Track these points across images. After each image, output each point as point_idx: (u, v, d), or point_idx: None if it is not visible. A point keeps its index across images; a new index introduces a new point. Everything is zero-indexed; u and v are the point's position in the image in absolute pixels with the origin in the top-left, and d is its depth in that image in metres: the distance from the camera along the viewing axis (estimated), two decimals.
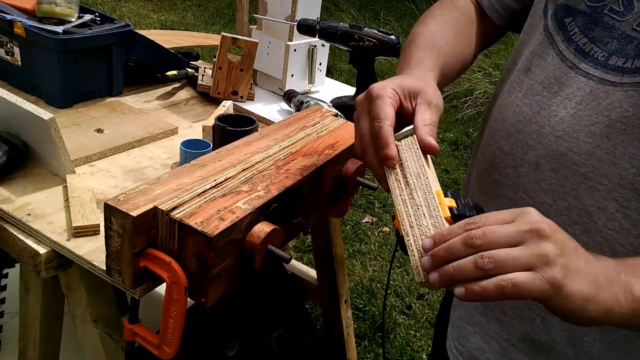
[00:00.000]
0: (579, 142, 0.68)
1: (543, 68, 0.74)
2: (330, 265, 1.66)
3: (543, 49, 0.75)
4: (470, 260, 0.51)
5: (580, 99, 0.69)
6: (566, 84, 0.71)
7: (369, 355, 2.00)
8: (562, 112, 0.70)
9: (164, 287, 0.64)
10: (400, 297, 2.27)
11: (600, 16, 0.69)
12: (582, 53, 0.70)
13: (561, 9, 0.74)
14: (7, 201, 0.89)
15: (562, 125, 0.70)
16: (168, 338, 0.65)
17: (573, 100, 0.70)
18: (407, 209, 0.61)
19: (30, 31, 1.18)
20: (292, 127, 0.90)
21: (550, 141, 0.71)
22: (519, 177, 0.75)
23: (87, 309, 0.90)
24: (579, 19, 0.71)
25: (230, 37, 1.36)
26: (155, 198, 0.64)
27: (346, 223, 2.66)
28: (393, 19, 5.47)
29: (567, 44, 0.72)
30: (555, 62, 0.73)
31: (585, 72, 0.69)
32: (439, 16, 0.86)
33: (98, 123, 1.19)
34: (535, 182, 0.73)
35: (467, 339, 0.84)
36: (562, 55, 0.72)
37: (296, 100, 1.36)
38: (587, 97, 0.68)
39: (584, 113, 0.68)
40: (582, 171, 0.69)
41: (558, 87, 0.72)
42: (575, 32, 0.71)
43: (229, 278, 0.65)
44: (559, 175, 0.71)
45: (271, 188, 0.70)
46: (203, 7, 5.73)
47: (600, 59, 0.68)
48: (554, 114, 0.71)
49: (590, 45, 0.70)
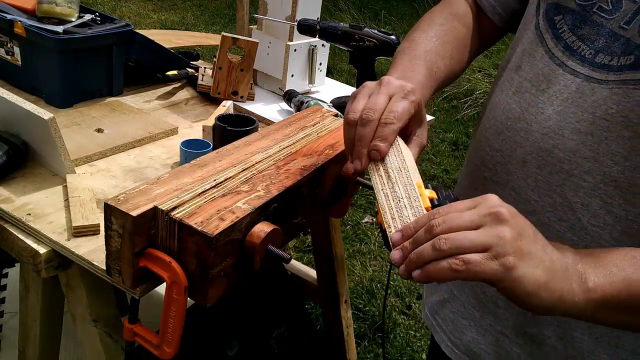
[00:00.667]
0: (564, 140, 0.69)
1: (532, 66, 0.75)
2: (330, 265, 1.66)
3: (533, 46, 0.75)
4: (429, 244, 0.52)
5: (566, 96, 0.69)
6: (554, 81, 0.71)
7: (368, 355, 2.00)
8: (549, 109, 0.71)
9: (164, 287, 0.64)
10: (400, 297, 2.27)
11: (589, 14, 0.70)
12: (570, 50, 0.70)
13: (552, 7, 0.74)
14: (7, 201, 0.89)
15: (549, 122, 0.70)
16: (168, 338, 0.65)
17: (560, 98, 0.70)
18: (389, 201, 0.61)
19: (30, 31, 1.18)
20: (292, 127, 0.90)
21: (537, 138, 0.71)
22: (507, 174, 0.76)
23: (87, 308, 0.90)
24: (568, 17, 0.72)
25: (230, 37, 1.36)
26: (155, 198, 0.64)
27: (346, 223, 2.66)
28: (394, 19, 5.47)
29: (556, 42, 0.72)
30: (544, 60, 0.73)
31: (572, 70, 0.70)
32: (435, 24, 0.86)
33: (98, 123, 1.19)
34: (522, 179, 0.74)
35: (463, 332, 0.85)
36: (551, 52, 0.73)
37: (296, 100, 1.36)
38: (574, 95, 0.69)
39: (569, 110, 0.69)
40: (566, 168, 0.69)
41: (546, 85, 0.72)
42: (564, 30, 0.72)
43: (228, 278, 0.65)
44: (544, 172, 0.71)
45: (271, 188, 0.70)
46: (203, 7, 5.73)
47: (587, 56, 0.69)
48: (541, 111, 0.72)
49: (579, 43, 0.70)
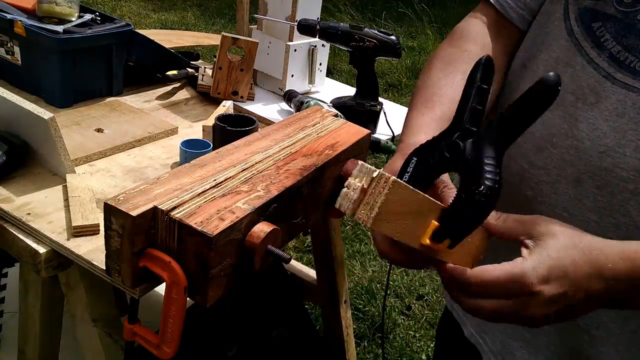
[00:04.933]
0: (626, 158, 0.65)
1: (574, 77, 0.69)
2: (330, 265, 1.66)
3: (570, 55, 0.70)
4: None
5: (622, 111, 0.65)
6: (603, 95, 0.67)
7: (368, 355, 1.99)
8: (603, 125, 0.66)
9: (163, 287, 0.64)
10: (399, 298, 2.27)
11: (634, 22, 0.65)
12: (617, 62, 0.66)
13: (587, 12, 0.69)
14: (7, 200, 0.89)
15: (605, 140, 0.66)
16: (167, 338, 0.65)
17: (614, 113, 0.66)
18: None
19: (30, 30, 1.18)
20: (292, 127, 0.90)
21: (592, 156, 0.67)
22: (556, 195, 0.71)
23: (87, 308, 0.90)
24: (609, 24, 0.67)
25: (230, 37, 1.36)
26: (155, 198, 0.64)
27: (346, 223, 2.66)
28: (393, 20, 5.47)
29: (599, 52, 0.67)
30: (587, 71, 0.68)
31: (623, 83, 0.65)
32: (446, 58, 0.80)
33: (98, 123, 1.19)
34: (577, 200, 0.69)
35: (512, 353, 0.81)
36: (595, 63, 0.68)
37: (296, 100, 1.36)
38: (630, 110, 0.65)
39: (628, 127, 0.65)
40: (630, 188, 0.65)
41: (594, 99, 0.67)
42: (607, 38, 0.67)
43: (228, 278, 0.65)
44: (604, 192, 0.67)
45: (271, 188, 0.70)
46: (203, 6, 5.73)
47: (637, 68, 0.65)
48: (593, 127, 0.67)
49: (625, 53, 0.66)
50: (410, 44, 5.01)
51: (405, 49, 4.78)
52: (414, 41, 5.11)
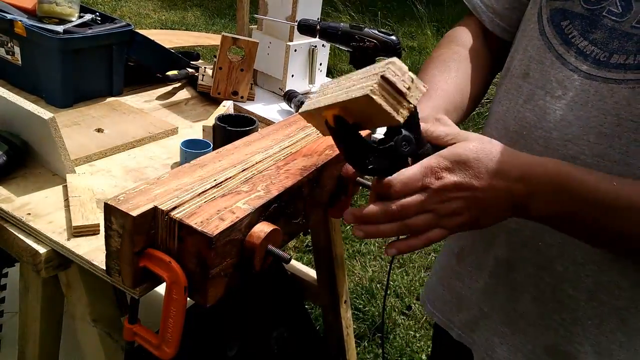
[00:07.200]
0: (589, 144, 0.68)
1: (543, 72, 0.74)
2: (330, 265, 1.66)
3: (541, 53, 0.74)
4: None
5: (585, 100, 0.69)
6: (570, 87, 0.70)
7: (368, 355, 2.00)
8: (569, 115, 0.70)
9: (163, 287, 0.64)
10: (399, 298, 2.27)
11: (599, 18, 0.69)
12: (583, 55, 0.70)
13: (557, 12, 0.73)
14: (7, 200, 0.89)
15: (571, 128, 0.69)
16: (168, 338, 0.65)
17: (579, 102, 0.69)
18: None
19: (30, 31, 1.18)
20: (293, 127, 0.90)
21: (558, 145, 0.70)
22: None
23: (87, 308, 0.90)
24: (576, 21, 0.71)
25: (230, 37, 1.36)
26: (155, 198, 0.64)
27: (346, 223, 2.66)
28: (393, 20, 5.47)
29: (567, 47, 0.71)
30: (556, 66, 0.72)
31: (587, 74, 0.69)
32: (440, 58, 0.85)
33: (98, 123, 1.19)
34: None
35: (494, 350, 0.85)
36: (563, 58, 0.72)
37: (296, 100, 1.36)
38: (593, 98, 0.68)
39: (591, 114, 0.68)
40: None
41: (562, 91, 0.71)
42: (575, 35, 0.71)
43: (228, 278, 0.65)
44: None
45: (271, 188, 0.70)
46: (203, 6, 5.73)
47: (602, 59, 0.68)
48: (559, 118, 0.70)
49: (591, 47, 0.69)
50: (410, 44, 5.01)
51: (405, 49, 4.77)
52: (414, 41, 5.11)
